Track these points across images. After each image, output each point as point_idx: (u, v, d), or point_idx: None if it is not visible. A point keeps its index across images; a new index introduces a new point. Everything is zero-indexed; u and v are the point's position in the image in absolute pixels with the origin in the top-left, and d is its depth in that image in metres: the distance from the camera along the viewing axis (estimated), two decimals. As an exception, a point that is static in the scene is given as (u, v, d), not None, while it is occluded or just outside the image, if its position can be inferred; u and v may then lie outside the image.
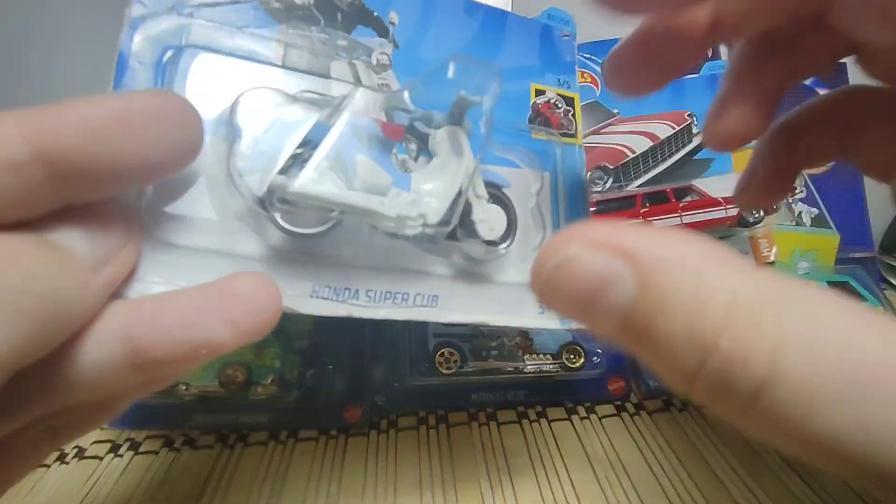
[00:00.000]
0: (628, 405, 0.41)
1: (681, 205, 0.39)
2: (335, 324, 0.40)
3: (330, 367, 0.40)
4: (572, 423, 0.39)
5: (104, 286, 0.14)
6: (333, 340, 0.40)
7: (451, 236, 0.21)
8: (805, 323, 0.11)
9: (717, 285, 0.11)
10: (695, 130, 0.43)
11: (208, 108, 0.19)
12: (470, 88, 0.21)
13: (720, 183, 0.41)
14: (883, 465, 0.10)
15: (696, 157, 0.43)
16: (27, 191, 0.12)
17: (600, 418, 0.39)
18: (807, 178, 0.45)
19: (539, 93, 0.28)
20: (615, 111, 0.43)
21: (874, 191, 0.46)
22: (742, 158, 0.44)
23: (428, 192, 0.20)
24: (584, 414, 0.40)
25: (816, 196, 0.45)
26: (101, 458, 0.36)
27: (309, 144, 0.18)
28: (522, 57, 0.28)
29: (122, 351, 0.14)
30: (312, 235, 0.20)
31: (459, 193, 0.20)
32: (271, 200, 0.18)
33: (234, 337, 0.14)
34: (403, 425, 0.39)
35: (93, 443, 0.37)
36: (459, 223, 0.21)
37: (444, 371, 0.37)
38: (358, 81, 0.23)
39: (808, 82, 0.46)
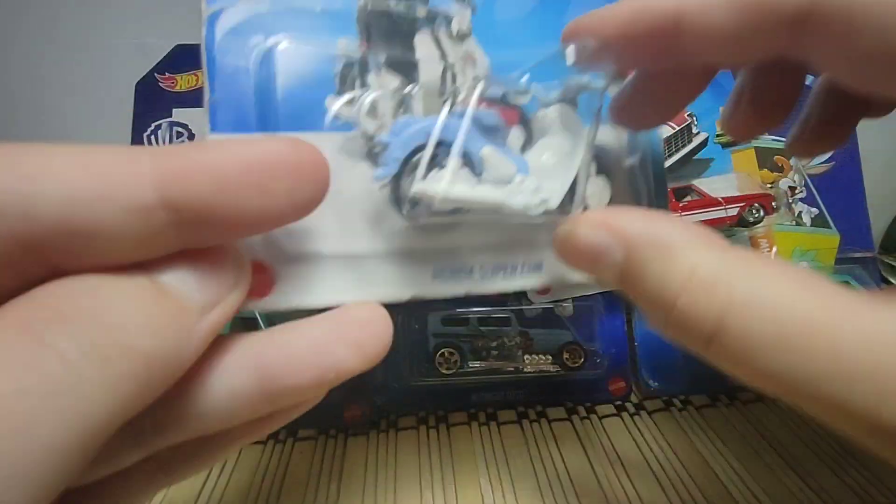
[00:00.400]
0: (628, 405, 0.41)
1: (680, 205, 0.39)
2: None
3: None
4: (572, 423, 0.39)
5: (210, 331, 0.14)
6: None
7: (564, 210, 0.21)
8: (750, 292, 0.14)
9: (682, 259, 0.15)
10: (695, 130, 0.43)
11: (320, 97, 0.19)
12: (581, 79, 0.21)
13: (720, 183, 0.41)
14: (813, 395, 0.13)
15: (696, 157, 0.43)
16: (150, 234, 0.12)
17: (600, 418, 0.39)
18: (807, 178, 0.45)
19: None
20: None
21: (874, 191, 0.46)
22: (741, 159, 0.44)
23: (547, 175, 0.20)
24: (584, 414, 0.40)
25: (816, 196, 0.45)
26: (100, 458, 0.36)
27: (441, 145, 0.18)
28: None
29: (254, 380, 0.14)
30: (441, 227, 0.21)
31: (577, 176, 0.20)
32: (413, 205, 0.18)
33: (359, 360, 0.15)
34: (403, 425, 0.39)
35: (92, 442, 0.37)
36: (571, 198, 0.21)
37: (443, 371, 0.37)
38: (444, 56, 0.22)
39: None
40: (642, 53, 0.17)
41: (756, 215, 0.39)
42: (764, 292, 0.14)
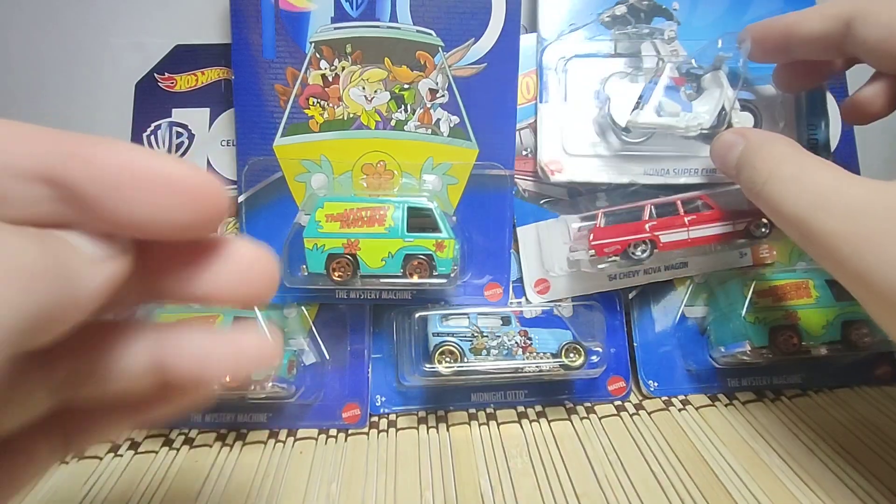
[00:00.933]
0: (628, 405, 0.41)
1: (687, 220, 0.38)
2: (335, 323, 0.41)
3: (329, 366, 0.40)
4: (572, 423, 0.39)
5: (106, 279, 0.14)
6: (333, 339, 0.40)
7: (712, 131, 0.37)
8: (795, 166, 0.28)
9: (774, 146, 0.30)
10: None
11: (585, 88, 0.40)
12: (728, 50, 0.37)
13: (732, 195, 0.40)
14: (807, 227, 0.27)
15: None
16: (29, 199, 0.13)
17: (600, 418, 0.39)
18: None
19: None
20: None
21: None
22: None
23: (702, 111, 0.37)
24: (583, 414, 0.40)
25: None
26: (100, 458, 0.36)
27: (643, 97, 0.38)
28: (770, 6, 0.41)
29: (148, 359, 0.16)
30: (640, 143, 0.39)
31: (722, 109, 0.37)
32: (627, 127, 0.38)
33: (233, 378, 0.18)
34: (403, 425, 0.39)
35: (92, 442, 0.37)
36: (724, 124, 0.37)
37: (443, 371, 0.36)
38: (658, 52, 0.40)
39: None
40: (772, 50, 0.35)
41: (763, 231, 0.38)
42: (803, 172, 0.27)
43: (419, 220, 0.36)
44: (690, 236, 0.38)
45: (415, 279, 0.36)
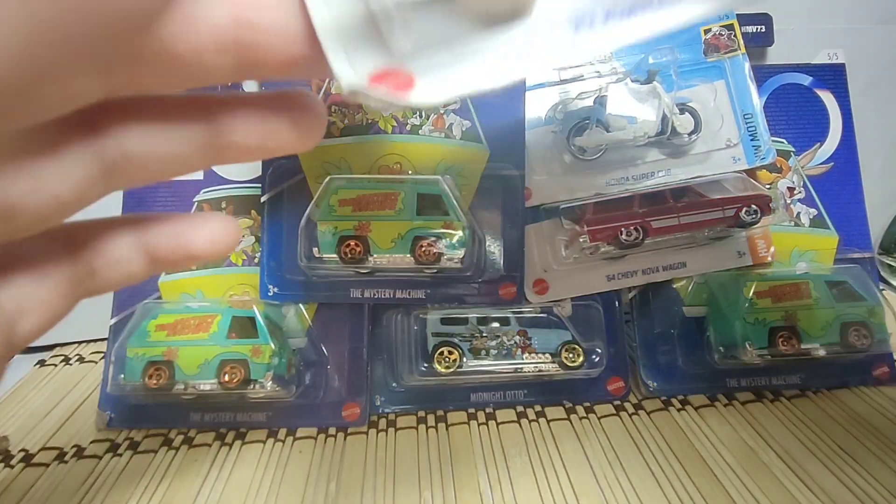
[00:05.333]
0: (627, 405, 0.41)
1: (678, 205, 0.39)
2: (334, 322, 0.41)
3: (328, 365, 0.40)
4: (571, 423, 0.39)
5: None
6: (332, 339, 0.40)
7: (668, 137, 0.40)
8: None
9: None
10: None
11: (539, 116, 0.43)
12: (658, 65, 0.41)
13: (718, 183, 0.41)
14: None
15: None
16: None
17: (599, 418, 0.39)
18: (805, 179, 0.45)
19: (706, 31, 0.43)
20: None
21: (873, 191, 0.46)
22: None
23: (644, 121, 0.40)
24: (583, 414, 0.40)
25: (815, 197, 0.45)
26: (99, 458, 0.36)
27: (591, 117, 0.40)
28: None
29: (135, 248, 0.19)
30: (596, 159, 0.41)
31: (664, 116, 0.40)
32: (582, 147, 0.41)
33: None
34: (402, 425, 0.39)
35: (91, 442, 0.37)
36: (668, 128, 0.40)
37: (442, 371, 0.37)
38: (598, 73, 0.43)
39: (807, 83, 0.46)
40: None
41: (753, 216, 0.39)
42: None
43: (428, 203, 0.37)
44: (681, 221, 0.39)
45: (422, 258, 0.36)
